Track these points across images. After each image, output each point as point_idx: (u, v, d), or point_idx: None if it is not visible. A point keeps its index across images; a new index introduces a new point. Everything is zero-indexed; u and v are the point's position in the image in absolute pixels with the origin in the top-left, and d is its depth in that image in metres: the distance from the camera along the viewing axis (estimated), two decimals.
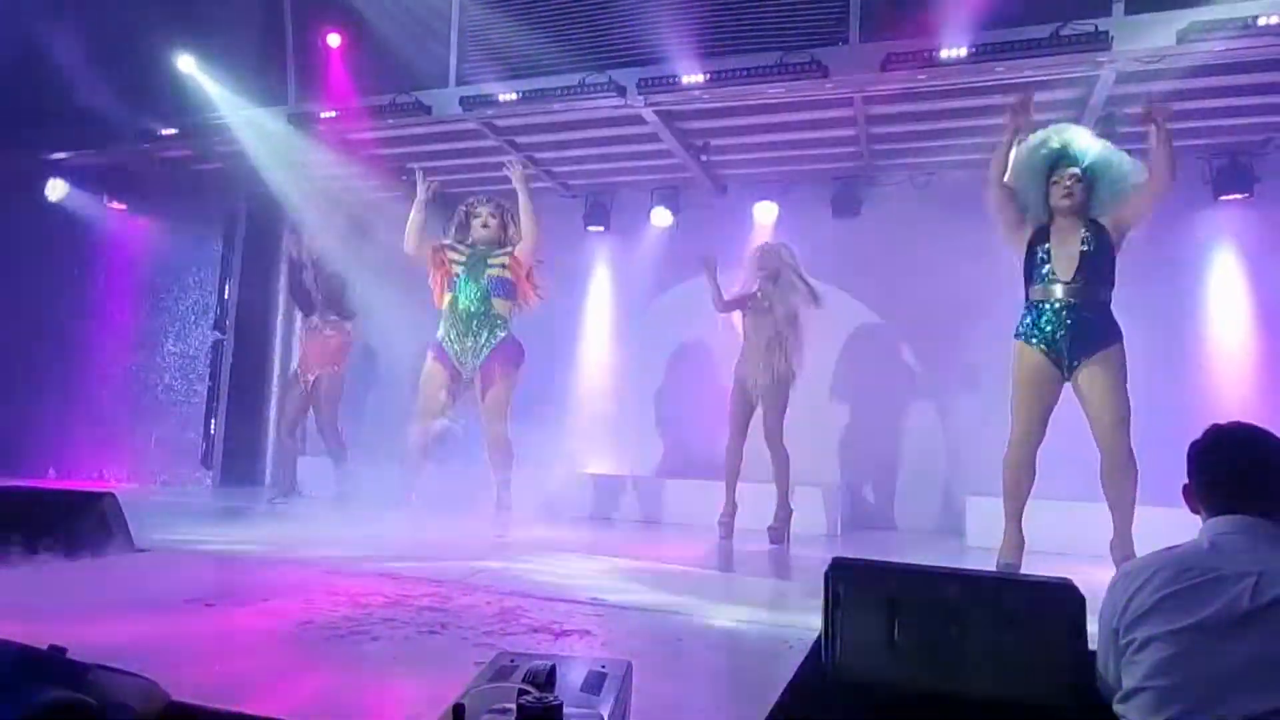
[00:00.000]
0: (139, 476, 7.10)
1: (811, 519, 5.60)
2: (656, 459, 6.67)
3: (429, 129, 6.08)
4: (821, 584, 2.02)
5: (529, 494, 5.76)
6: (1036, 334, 3.80)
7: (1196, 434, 1.72)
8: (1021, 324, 3.89)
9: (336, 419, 6.35)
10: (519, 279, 4.98)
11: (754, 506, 5.21)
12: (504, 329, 4.95)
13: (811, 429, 6.17)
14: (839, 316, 6.15)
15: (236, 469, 7.35)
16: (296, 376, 6.45)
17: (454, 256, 4.99)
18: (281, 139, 6.35)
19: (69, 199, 7.23)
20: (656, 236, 6.81)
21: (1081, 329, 3.73)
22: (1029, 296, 3.91)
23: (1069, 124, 4.13)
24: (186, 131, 6.43)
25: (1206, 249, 5.60)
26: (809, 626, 2.34)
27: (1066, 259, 3.78)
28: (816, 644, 2.07)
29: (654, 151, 6.17)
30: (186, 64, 6.08)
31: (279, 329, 7.83)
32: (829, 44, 5.07)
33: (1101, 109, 4.98)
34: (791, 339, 5.16)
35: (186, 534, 4.28)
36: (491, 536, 4.64)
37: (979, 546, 4.94)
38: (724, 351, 6.18)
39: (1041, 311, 3.81)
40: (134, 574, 3.21)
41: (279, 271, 7.88)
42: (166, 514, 4.85)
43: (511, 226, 5.06)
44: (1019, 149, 3.98)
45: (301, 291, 6.56)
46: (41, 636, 1.50)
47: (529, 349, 5.15)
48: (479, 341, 4.88)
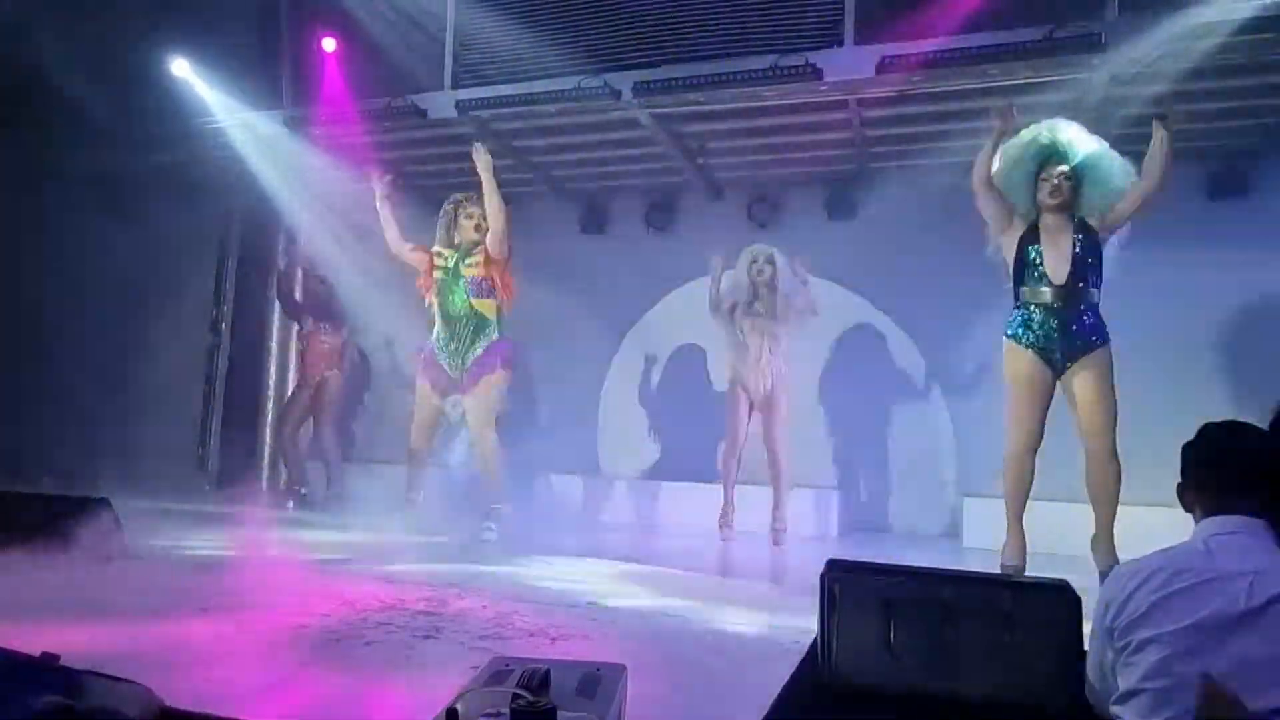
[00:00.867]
0: (134, 482, 7.06)
1: (807, 521, 5.61)
2: (652, 462, 6.66)
3: (424, 132, 6.08)
4: (817, 586, 2.02)
5: (522, 497, 5.76)
6: (1029, 335, 3.79)
7: (1190, 434, 1.72)
8: (1012, 325, 3.87)
9: (338, 421, 6.38)
10: (493, 275, 4.86)
11: (753, 508, 5.22)
12: (493, 331, 4.86)
13: (807, 430, 6.19)
14: (835, 318, 6.16)
15: (233, 473, 7.31)
16: (303, 382, 6.45)
17: (438, 262, 4.95)
18: (276, 143, 6.35)
19: (64, 202, 7.22)
20: (652, 240, 6.81)
21: (1073, 331, 3.73)
22: (1020, 297, 3.88)
23: (1060, 119, 4.10)
24: (181, 136, 6.42)
25: (1201, 250, 5.60)
26: (805, 629, 2.33)
27: (1059, 260, 3.76)
28: (812, 646, 2.07)
29: (650, 155, 6.18)
30: (180, 68, 6.07)
31: (275, 333, 7.79)
32: (823, 47, 5.09)
33: (1095, 111, 4.99)
34: (788, 343, 5.18)
35: (182, 539, 4.27)
36: (482, 539, 4.65)
37: (976, 548, 4.95)
38: (719, 355, 6.19)
39: (1033, 313, 3.80)
40: (129, 579, 3.20)
41: (275, 275, 7.87)
42: (162, 519, 4.83)
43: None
44: (1008, 144, 3.96)
45: (289, 300, 6.56)
46: (35, 643, 1.49)
47: (521, 352, 5.14)
48: (466, 345, 4.82)
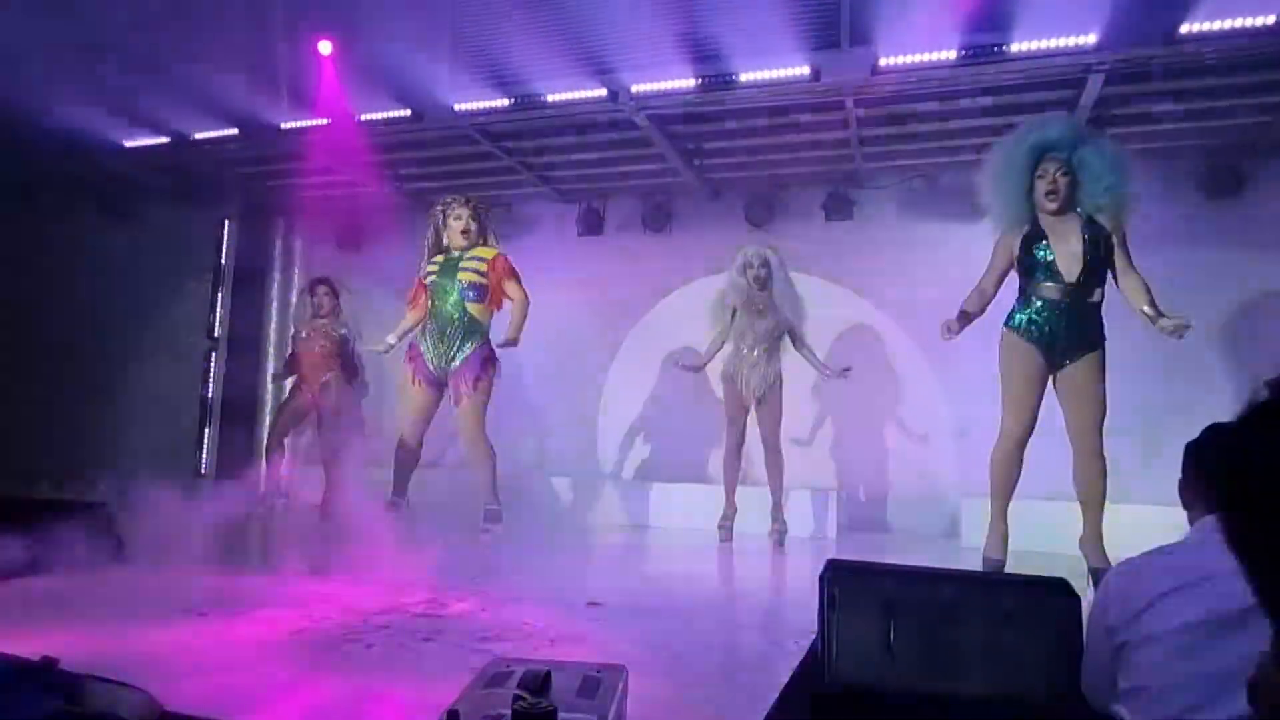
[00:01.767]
0: (131, 486, 7.05)
1: (807, 521, 5.61)
2: (649, 464, 6.66)
3: (421, 135, 6.08)
4: (817, 586, 2.02)
5: (520, 499, 5.76)
6: (1033, 329, 3.75)
7: (1191, 433, 1.72)
8: (1015, 316, 3.81)
9: (343, 425, 6.37)
10: (494, 284, 4.89)
11: (753, 510, 5.22)
12: (480, 337, 4.87)
13: (806, 431, 6.20)
14: (832, 319, 6.17)
15: (229, 476, 7.31)
16: (299, 387, 6.42)
17: (429, 269, 4.95)
18: (273, 147, 6.35)
19: (60, 207, 7.21)
20: (650, 241, 6.82)
21: (1075, 329, 3.71)
22: (1025, 290, 3.83)
23: (1051, 114, 4.06)
24: (178, 140, 6.42)
25: (1197, 249, 5.61)
26: (805, 629, 2.34)
27: (1070, 258, 3.70)
28: (812, 647, 2.07)
29: (647, 156, 6.18)
30: (177, 71, 6.05)
31: (272, 336, 7.82)
32: (820, 48, 5.09)
33: (1091, 111, 5.00)
34: (782, 343, 5.18)
35: (180, 544, 4.26)
36: (480, 542, 4.65)
37: (974, 548, 4.94)
38: (717, 356, 6.18)
39: (1040, 308, 3.75)
40: (127, 584, 3.19)
41: (271, 279, 7.88)
42: (159, 524, 4.82)
43: (489, 228, 5.03)
44: (996, 146, 3.91)
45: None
46: (34, 648, 1.49)
47: (521, 354, 5.14)
48: (453, 348, 4.81)
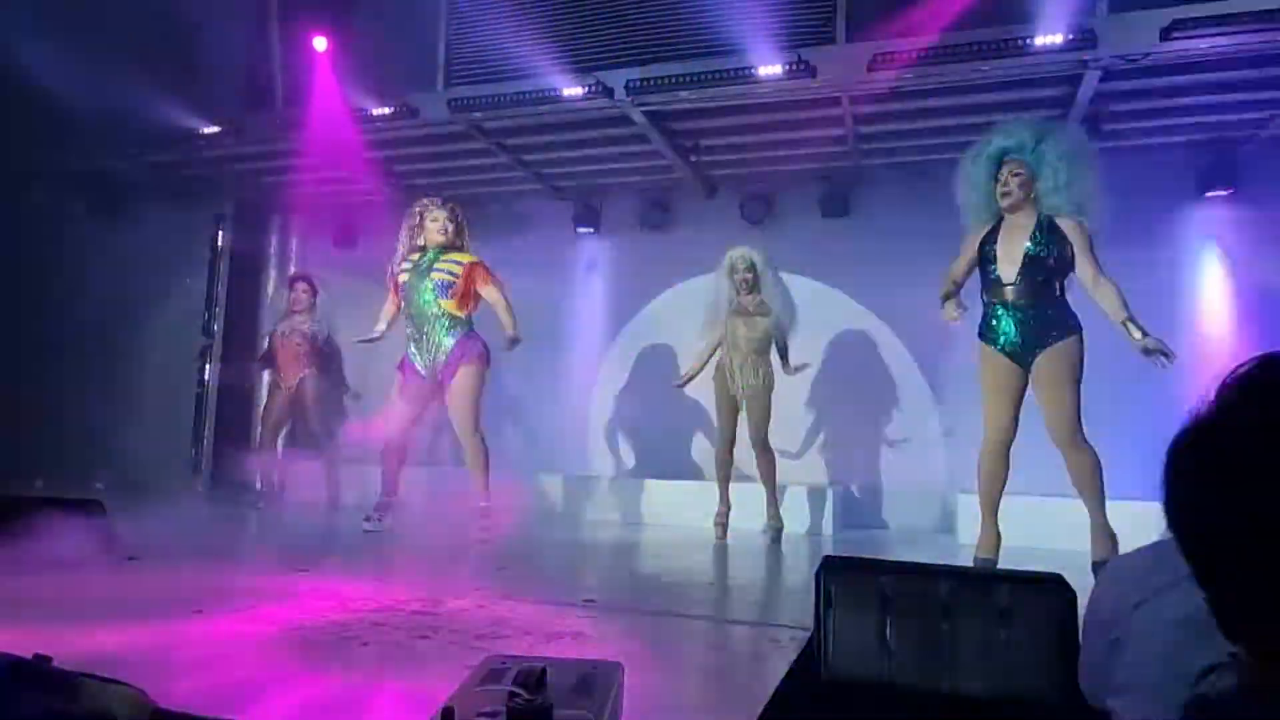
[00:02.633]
0: (127, 483, 7.05)
1: (803, 517, 5.61)
2: (644, 460, 6.66)
3: (416, 131, 6.06)
4: (813, 582, 2.02)
5: (516, 496, 5.75)
6: (992, 334, 3.83)
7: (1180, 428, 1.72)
8: (982, 324, 3.91)
9: (325, 420, 6.35)
10: (466, 288, 4.87)
11: (748, 506, 5.22)
12: (462, 326, 4.86)
13: (802, 428, 6.20)
14: (829, 316, 6.17)
15: (226, 475, 7.30)
16: (277, 384, 6.42)
17: (404, 268, 4.93)
18: (268, 143, 6.34)
19: (55, 204, 7.20)
20: (646, 238, 6.81)
21: (1031, 326, 3.73)
22: (983, 297, 3.93)
23: (1013, 121, 4.10)
24: (172, 137, 6.40)
25: (1191, 244, 5.63)
26: (801, 625, 2.34)
27: (1009, 261, 3.79)
28: (808, 643, 2.07)
29: (643, 153, 6.17)
30: (172, 68, 6.04)
31: (267, 335, 7.80)
32: (816, 44, 5.09)
33: (1087, 106, 5.01)
34: (774, 343, 5.17)
35: (175, 541, 4.26)
36: (475, 539, 4.65)
37: (970, 544, 4.94)
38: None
39: (994, 313, 3.83)
40: (121, 581, 3.18)
41: (267, 276, 7.87)
42: (155, 521, 4.82)
43: (465, 231, 5.02)
44: (962, 160, 3.99)
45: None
46: (27, 645, 1.48)
47: (519, 350, 5.12)
48: (436, 342, 4.81)
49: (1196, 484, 0.71)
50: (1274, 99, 4.96)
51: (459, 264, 4.88)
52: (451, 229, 4.92)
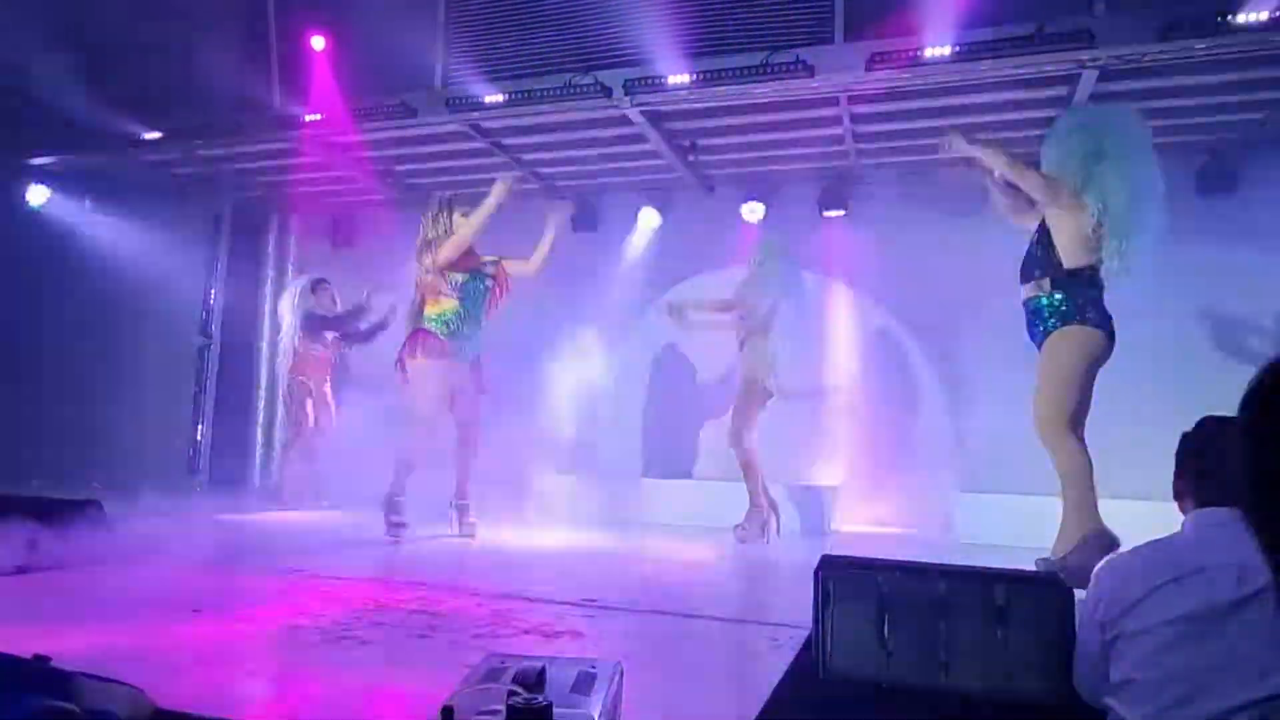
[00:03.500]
0: (125, 483, 7.04)
1: (802, 517, 5.62)
2: (644, 460, 6.66)
3: (414, 131, 6.06)
4: (812, 582, 2.02)
5: (515, 495, 5.76)
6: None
7: (1182, 428, 1.72)
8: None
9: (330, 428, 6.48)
10: (499, 289, 4.97)
11: (741, 506, 5.22)
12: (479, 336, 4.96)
13: (800, 427, 6.19)
14: (826, 315, 6.17)
15: (224, 474, 7.30)
16: (299, 386, 6.47)
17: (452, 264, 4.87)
18: (267, 144, 6.33)
19: (50, 204, 7.20)
20: (645, 237, 6.81)
21: (1030, 321, 3.73)
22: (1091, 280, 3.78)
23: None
24: (170, 135, 6.39)
25: (1190, 246, 5.62)
26: (800, 624, 2.34)
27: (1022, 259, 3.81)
28: (807, 641, 2.08)
29: (641, 152, 6.17)
30: (169, 67, 6.04)
31: (265, 333, 7.79)
32: (814, 43, 5.09)
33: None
34: (760, 338, 5.05)
35: (173, 541, 4.25)
36: (461, 537, 4.72)
37: (969, 543, 4.96)
38: (712, 352, 6.19)
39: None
40: (120, 581, 3.18)
41: (265, 276, 7.86)
42: (153, 521, 4.81)
43: None
44: None
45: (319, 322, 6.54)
46: (26, 645, 1.48)
47: (517, 350, 5.15)
48: (468, 345, 4.85)
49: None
50: (1270, 100, 4.96)
51: (495, 263, 4.97)
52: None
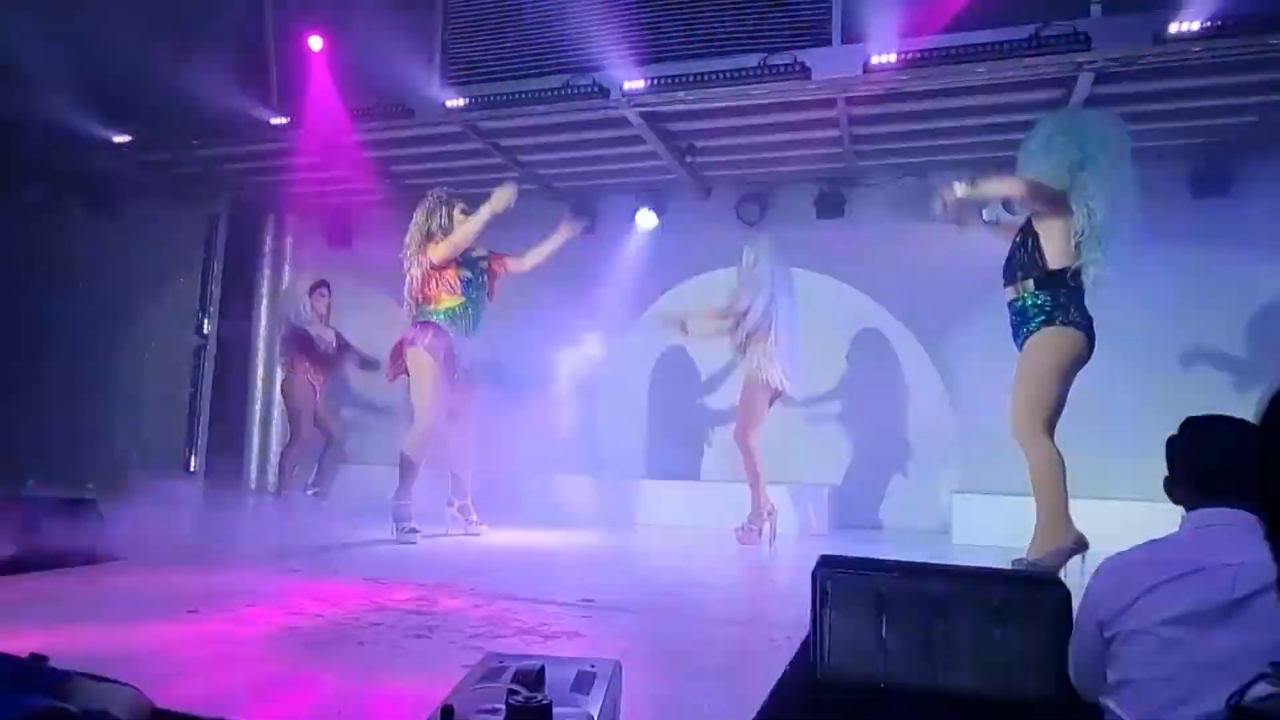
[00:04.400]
0: (120, 483, 7.02)
1: (799, 517, 5.62)
2: (642, 462, 6.66)
3: (412, 131, 6.06)
4: (810, 582, 2.03)
5: (514, 495, 5.76)
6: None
7: (1175, 429, 1.73)
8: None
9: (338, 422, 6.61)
10: (492, 282, 5.02)
11: (742, 506, 5.22)
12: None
13: (797, 427, 6.20)
14: (823, 316, 6.18)
15: (219, 474, 7.29)
16: (309, 384, 6.54)
17: (457, 262, 4.87)
18: (263, 143, 6.32)
19: (46, 203, 7.19)
20: (642, 238, 6.82)
21: (1015, 322, 3.74)
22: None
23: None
24: (166, 135, 6.38)
25: (1185, 248, 5.64)
26: (798, 624, 2.34)
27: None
28: (805, 641, 2.08)
29: (638, 154, 6.17)
30: (166, 66, 6.02)
31: (261, 333, 7.78)
32: (812, 45, 5.10)
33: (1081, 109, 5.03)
34: (759, 341, 5.02)
35: (169, 540, 4.24)
36: (468, 535, 4.75)
37: (965, 544, 4.97)
38: (713, 352, 6.19)
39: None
40: (116, 581, 3.18)
41: (261, 276, 7.85)
42: (149, 520, 4.80)
43: None
44: None
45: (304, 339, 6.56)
46: (23, 645, 1.48)
47: (515, 351, 5.16)
48: (468, 341, 4.88)
49: None
50: (1266, 103, 4.98)
51: (485, 260, 4.98)
52: None
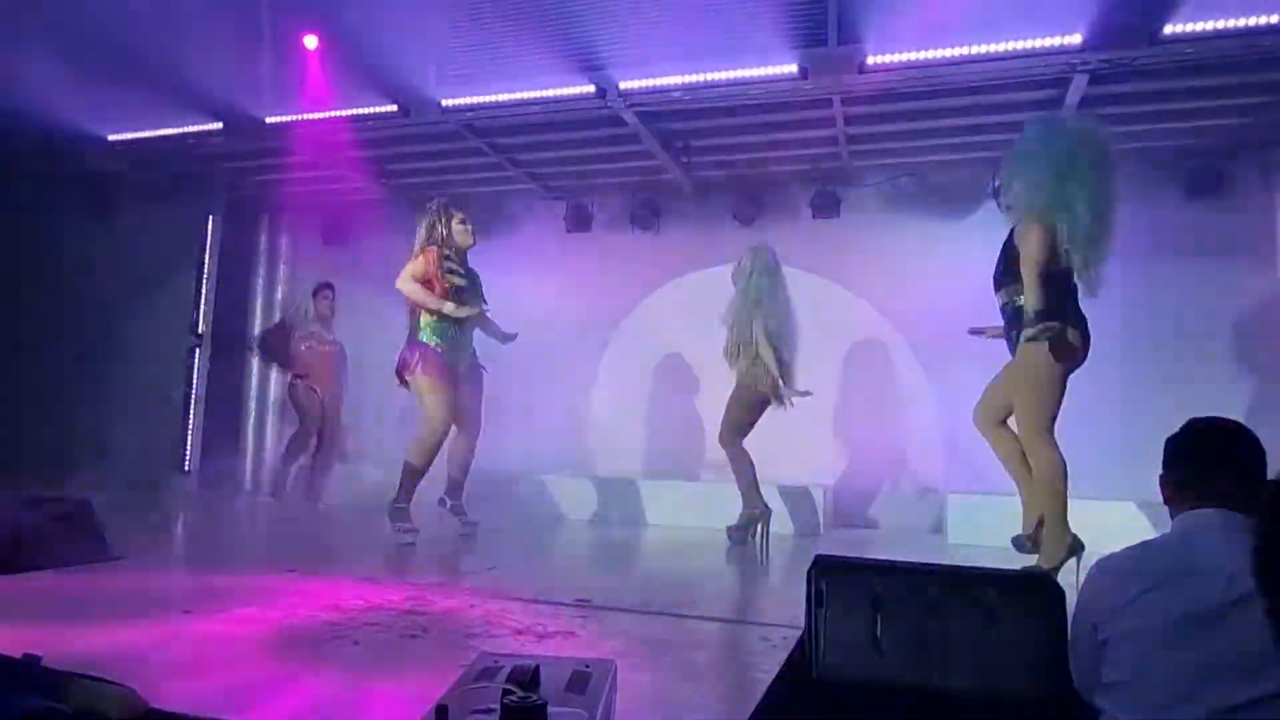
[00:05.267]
0: (115, 483, 7.01)
1: (794, 517, 5.63)
2: (637, 461, 6.66)
3: (408, 131, 6.05)
4: (804, 582, 2.02)
5: (511, 495, 5.76)
6: None
7: (1170, 429, 1.73)
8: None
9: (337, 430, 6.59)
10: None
11: (735, 505, 5.22)
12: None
13: (793, 427, 6.21)
14: (818, 317, 6.18)
15: (214, 474, 7.28)
16: (310, 389, 6.47)
17: (451, 266, 4.83)
18: (258, 142, 6.31)
19: (41, 203, 7.17)
20: (638, 238, 6.82)
21: (1009, 325, 3.72)
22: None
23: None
24: (162, 135, 6.36)
25: (1178, 249, 5.66)
26: (792, 624, 2.34)
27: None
28: (800, 641, 2.08)
29: (635, 153, 6.17)
30: (161, 65, 6.00)
31: (257, 332, 7.77)
32: (808, 46, 5.10)
33: (1075, 111, 5.04)
34: (751, 347, 5.02)
35: (163, 540, 4.24)
36: (463, 535, 4.75)
37: (960, 543, 4.98)
38: (706, 354, 6.18)
39: None
40: (110, 581, 3.17)
41: (256, 275, 7.84)
42: (143, 521, 4.79)
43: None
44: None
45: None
46: (17, 645, 1.48)
47: (508, 351, 5.17)
48: (469, 347, 4.94)
49: None
50: (1258, 104, 5.00)
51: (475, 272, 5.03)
52: (472, 228, 4.97)
